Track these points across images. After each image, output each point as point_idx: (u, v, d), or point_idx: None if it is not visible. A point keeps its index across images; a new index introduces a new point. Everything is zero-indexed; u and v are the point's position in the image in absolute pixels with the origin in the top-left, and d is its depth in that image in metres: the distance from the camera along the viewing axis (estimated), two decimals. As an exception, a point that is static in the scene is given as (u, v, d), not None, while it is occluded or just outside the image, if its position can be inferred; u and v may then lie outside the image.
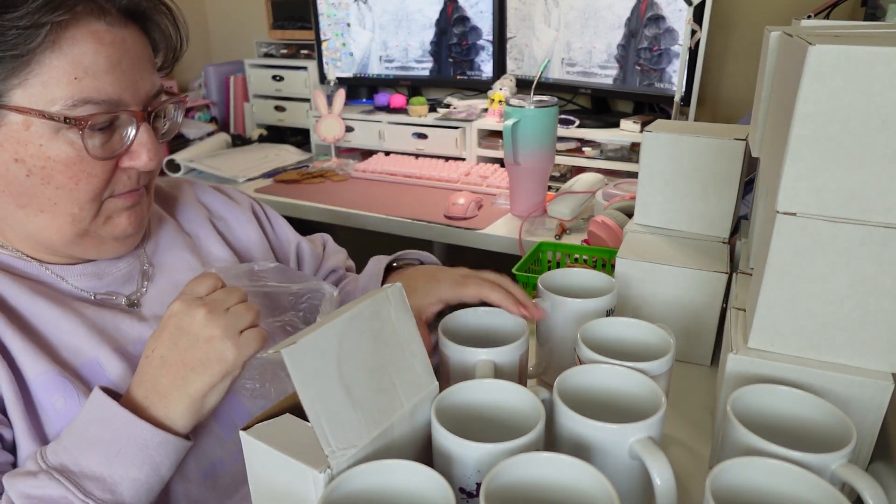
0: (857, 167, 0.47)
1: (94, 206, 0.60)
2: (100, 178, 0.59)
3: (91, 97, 0.55)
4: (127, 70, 0.58)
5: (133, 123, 0.59)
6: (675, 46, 1.50)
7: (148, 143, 0.60)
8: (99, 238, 0.63)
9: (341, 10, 1.94)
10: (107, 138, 0.59)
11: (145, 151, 0.60)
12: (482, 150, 1.74)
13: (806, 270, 0.52)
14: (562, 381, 0.53)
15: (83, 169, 0.58)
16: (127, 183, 0.62)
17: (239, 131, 2.22)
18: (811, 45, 0.45)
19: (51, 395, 0.57)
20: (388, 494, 0.44)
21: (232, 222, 0.82)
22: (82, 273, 0.65)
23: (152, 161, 0.61)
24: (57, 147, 0.56)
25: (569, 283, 0.73)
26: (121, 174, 0.61)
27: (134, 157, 0.60)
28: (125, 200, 0.63)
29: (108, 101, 0.56)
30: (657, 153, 0.83)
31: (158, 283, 0.70)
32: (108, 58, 0.56)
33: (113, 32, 0.57)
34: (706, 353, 0.79)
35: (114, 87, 0.57)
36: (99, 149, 0.58)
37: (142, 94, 0.60)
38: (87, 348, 0.61)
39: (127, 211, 0.63)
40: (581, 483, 0.43)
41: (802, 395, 0.51)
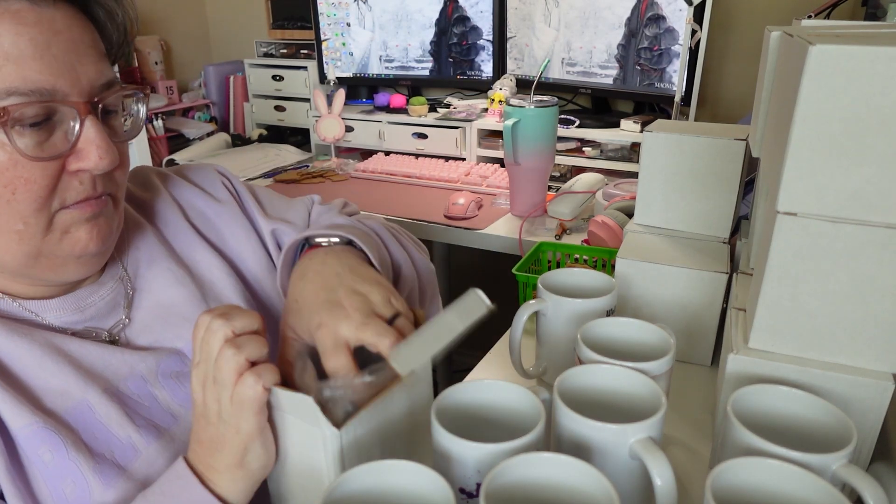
0: (858, 167, 0.47)
1: (43, 220, 0.52)
2: (40, 185, 0.50)
3: (15, 87, 0.47)
4: (59, 55, 0.49)
5: (76, 117, 0.51)
6: (676, 46, 1.50)
7: (96, 139, 0.51)
8: (56, 258, 0.54)
9: (341, 10, 1.94)
10: (45, 136, 0.50)
11: (94, 149, 0.51)
12: (482, 150, 1.74)
13: (806, 270, 0.52)
14: (562, 381, 0.53)
15: (19, 174, 0.49)
16: (79, 189, 0.53)
17: (239, 131, 2.22)
18: (811, 45, 0.45)
19: (37, 448, 0.51)
20: (388, 494, 0.44)
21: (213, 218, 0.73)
22: (60, 308, 0.58)
23: (103, 160, 0.52)
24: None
25: (569, 283, 0.73)
26: (70, 179, 0.52)
27: (82, 156, 0.52)
28: (81, 211, 0.53)
29: (38, 90, 0.48)
30: (657, 153, 0.83)
31: (142, 308, 0.63)
32: (33, 40, 0.48)
33: (36, 11, 0.49)
34: (706, 354, 0.79)
35: (43, 74, 0.48)
36: (35, 148, 0.49)
37: (84, 83, 0.51)
38: (75, 390, 0.55)
39: (87, 224, 0.54)
40: (581, 483, 0.43)
41: (803, 396, 0.51)
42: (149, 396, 0.59)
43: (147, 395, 0.59)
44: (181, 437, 0.59)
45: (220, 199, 0.74)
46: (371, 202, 1.54)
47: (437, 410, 0.49)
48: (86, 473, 0.53)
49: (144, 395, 0.59)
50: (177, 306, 0.64)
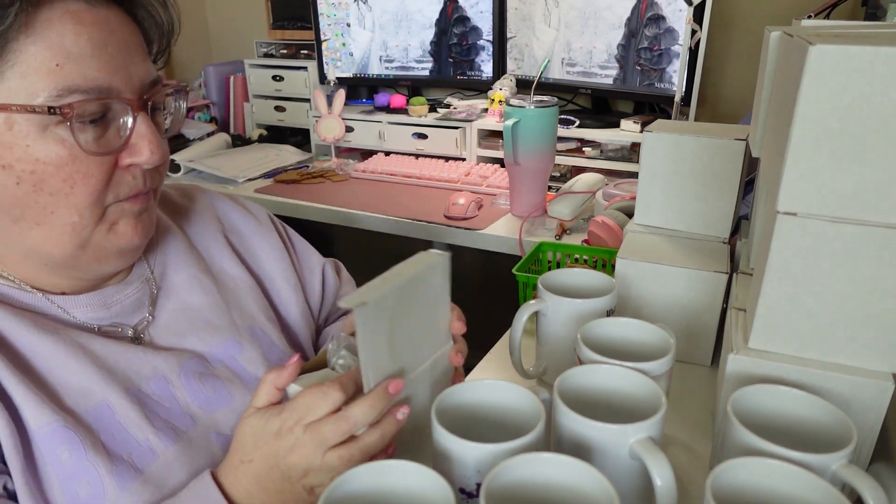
0: (858, 167, 0.47)
1: (96, 213, 0.54)
2: (98, 179, 0.52)
3: (77, 85, 0.49)
4: (115, 54, 0.51)
5: (129, 113, 0.53)
6: (676, 46, 1.50)
7: (148, 134, 0.54)
8: (101, 249, 0.56)
9: (341, 10, 1.94)
10: (101, 132, 0.52)
11: (146, 144, 0.54)
12: (482, 150, 1.74)
13: (806, 270, 0.52)
14: (562, 381, 0.53)
15: (77, 169, 0.51)
16: (132, 184, 0.55)
17: (239, 131, 2.22)
18: (811, 45, 0.45)
19: (55, 448, 0.52)
20: (388, 494, 0.44)
21: (249, 237, 0.76)
22: (88, 304, 0.59)
23: (155, 155, 0.54)
24: (45, 147, 0.50)
25: (569, 283, 0.73)
26: (123, 174, 0.55)
27: (134, 151, 0.54)
28: (132, 205, 0.56)
29: (97, 88, 0.50)
30: (657, 153, 0.83)
31: (166, 309, 0.64)
32: (92, 40, 0.50)
33: (93, 12, 0.51)
34: (706, 354, 0.79)
35: (101, 72, 0.50)
36: (93, 144, 0.51)
37: (135, 82, 0.53)
38: (97, 389, 0.55)
39: (134, 218, 0.57)
40: (581, 483, 0.43)
41: (803, 396, 0.51)
42: (169, 397, 0.59)
43: (168, 395, 0.59)
44: (198, 440, 0.59)
45: (260, 221, 0.78)
46: (371, 202, 1.54)
47: (437, 410, 0.49)
48: (102, 475, 0.53)
49: (165, 396, 0.59)
50: (200, 311, 0.66)
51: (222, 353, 0.65)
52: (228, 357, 0.65)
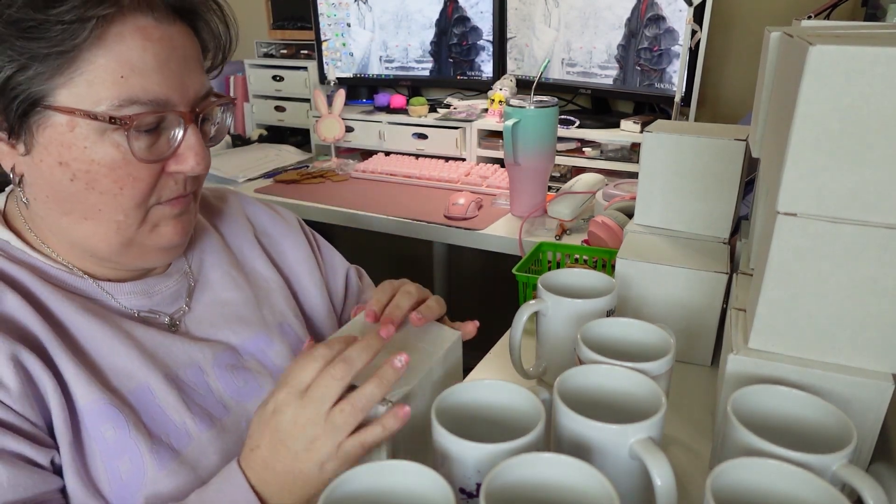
0: (858, 167, 0.47)
1: (140, 214, 0.58)
2: (145, 183, 0.57)
3: (138, 97, 0.53)
4: (175, 69, 0.55)
5: (180, 125, 0.57)
6: (676, 46, 1.50)
7: (195, 146, 0.58)
8: (144, 248, 0.60)
9: (341, 10, 1.94)
10: (153, 140, 0.56)
11: (192, 155, 0.58)
12: (482, 151, 1.74)
13: (806, 271, 0.52)
14: (562, 381, 0.53)
15: (129, 173, 0.55)
16: (174, 188, 0.59)
17: (239, 131, 2.22)
18: (811, 46, 0.45)
19: (101, 424, 0.55)
20: (388, 494, 0.44)
21: (278, 239, 0.80)
22: (132, 291, 0.63)
23: (199, 165, 0.58)
24: (102, 150, 0.54)
25: (569, 283, 0.73)
26: (167, 179, 0.59)
27: (181, 160, 0.58)
28: (172, 208, 0.60)
29: (156, 101, 0.54)
30: (657, 153, 0.83)
31: (202, 301, 0.68)
32: (156, 56, 0.54)
33: (161, 28, 0.54)
34: (706, 354, 0.79)
35: (161, 86, 0.54)
36: (145, 151, 0.55)
37: (190, 95, 0.57)
38: (139, 373, 0.59)
39: (174, 219, 0.61)
40: (581, 483, 0.43)
41: (803, 396, 0.51)
42: (204, 386, 0.63)
43: (203, 384, 0.63)
44: (231, 427, 0.62)
45: (289, 224, 0.83)
46: (371, 202, 1.54)
47: (437, 410, 0.49)
48: (144, 453, 0.56)
49: (200, 384, 0.63)
50: (233, 306, 0.70)
51: (253, 346, 0.69)
52: (258, 350, 0.69)
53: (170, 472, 0.56)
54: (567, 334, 0.68)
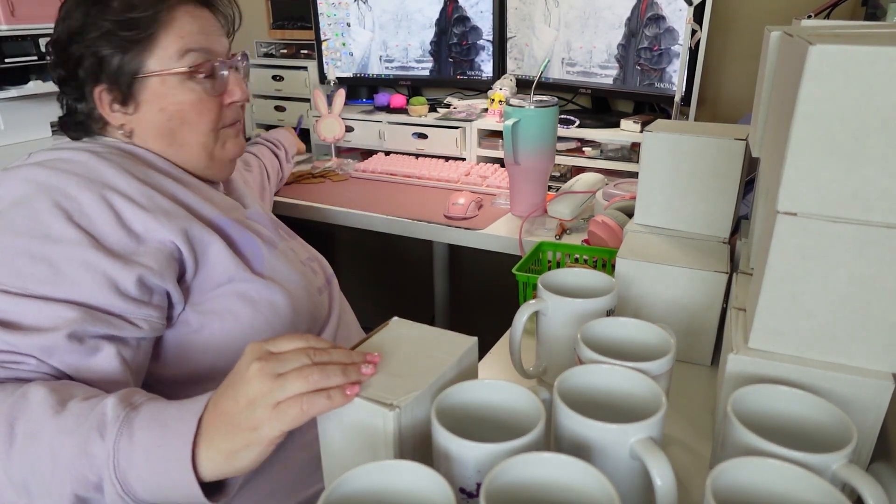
0: (857, 167, 0.47)
1: (214, 135, 0.85)
2: (215, 112, 0.84)
3: (191, 47, 0.80)
4: (211, 32, 0.83)
5: (224, 68, 0.84)
6: (676, 46, 1.50)
7: (238, 81, 0.87)
8: (220, 160, 0.88)
9: (341, 10, 1.94)
10: (212, 83, 0.83)
11: (237, 87, 0.86)
12: (482, 150, 1.74)
13: (806, 270, 0.52)
14: (562, 381, 0.53)
15: (204, 106, 0.83)
16: (231, 115, 0.87)
17: (239, 131, 2.22)
18: (811, 45, 0.45)
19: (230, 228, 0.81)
20: (388, 494, 0.44)
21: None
22: None
23: (244, 93, 0.87)
24: (184, 93, 0.81)
25: (569, 283, 0.73)
26: (226, 110, 0.86)
27: (232, 93, 0.86)
28: (233, 128, 0.88)
29: (203, 49, 0.81)
30: (657, 153, 0.83)
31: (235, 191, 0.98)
32: (199, 25, 0.82)
33: (199, 10, 0.82)
34: (706, 353, 0.79)
35: (205, 41, 0.82)
36: (210, 90, 0.83)
37: (223, 49, 0.85)
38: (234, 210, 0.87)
39: (234, 138, 0.89)
40: (581, 483, 0.43)
41: (803, 395, 0.51)
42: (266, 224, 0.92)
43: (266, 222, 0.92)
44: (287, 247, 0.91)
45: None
46: (371, 202, 1.54)
47: (437, 410, 0.49)
48: (259, 243, 0.84)
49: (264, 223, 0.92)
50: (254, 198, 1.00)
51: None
52: None
53: (275, 255, 0.85)
54: (567, 334, 0.68)
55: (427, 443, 0.51)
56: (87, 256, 0.66)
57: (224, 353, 0.76)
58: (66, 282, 0.65)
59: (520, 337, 0.68)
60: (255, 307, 0.78)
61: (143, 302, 0.69)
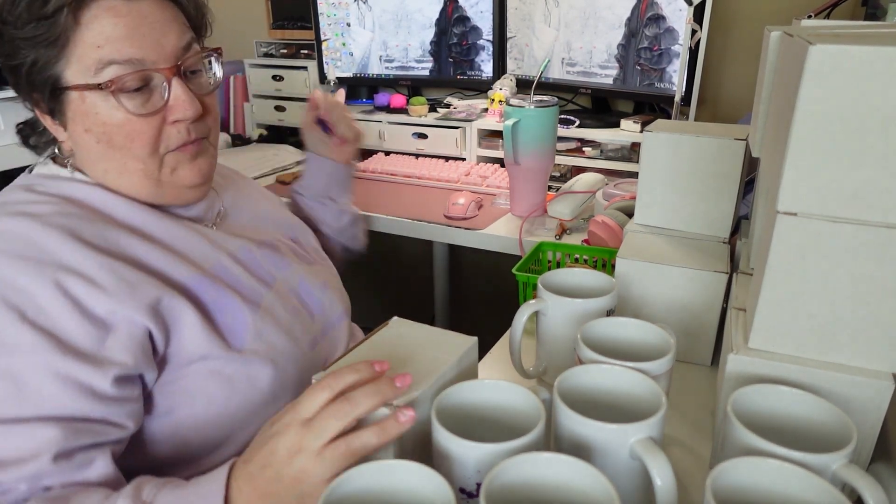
0: (858, 167, 0.47)
1: (156, 161, 0.68)
2: (149, 135, 0.67)
3: (113, 58, 0.63)
4: (147, 33, 0.64)
5: (165, 80, 0.66)
6: (676, 46, 1.50)
7: (182, 94, 0.67)
8: (172, 187, 0.71)
9: (341, 10, 1.94)
10: (146, 98, 0.66)
11: (181, 103, 0.67)
12: (482, 150, 1.74)
13: (806, 270, 0.52)
14: (562, 381, 0.53)
15: (133, 128, 0.66)
16: (178, 137, 0.69)
17: (239, 131, 2.22)
18: (811, 45, 0.45)
19: (204, 292, 0.68)
20: (388, 494, 0.44)
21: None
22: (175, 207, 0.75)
23: (189, 111, 0.67)
24: (108, 112, 0.65)
25: (569, 283, 0.73)
26: (170, 129, 0.68)
27: (174, 110, 0.67)
28: (183, 153, 0.70)
29: (130, 60, 0.63)
30: (657, 153, 0.83)
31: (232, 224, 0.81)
32: (126, 26, 0.63)
33: (129, 5, 0.64)
34: (706, 353, 0.79)
35: (133, 48, 0.63)
36: (140, 107, 0.66)
37: (168, 51, 0.66)
38: (212, 255, 0.72)
39: (189, 163, 0.71)
40: (581, 483, 0.43)
41: (803, 395, 0.51)
42: (255, 262, 0.77)
43: (254, 260, 0.77)
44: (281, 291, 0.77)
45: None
46: (371, 202, 1.54)
47: (437, 410, 0.49)
48: (239, 306, 0.70)
49: (252, 261, 0.77)
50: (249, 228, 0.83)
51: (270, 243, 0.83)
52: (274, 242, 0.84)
53: (259, 317, 0.71)
54: (567, 334, 0.68)
55: (427, 442, 0.51)
56: (52, 363, 0.56)
57: (192, 441, 0.66)
58: (35, 396, 0.55)
59: (520, 337, 0.68)
60: (232, 385, 0.67)
61: (124, 399, 0.60)
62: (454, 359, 0.57)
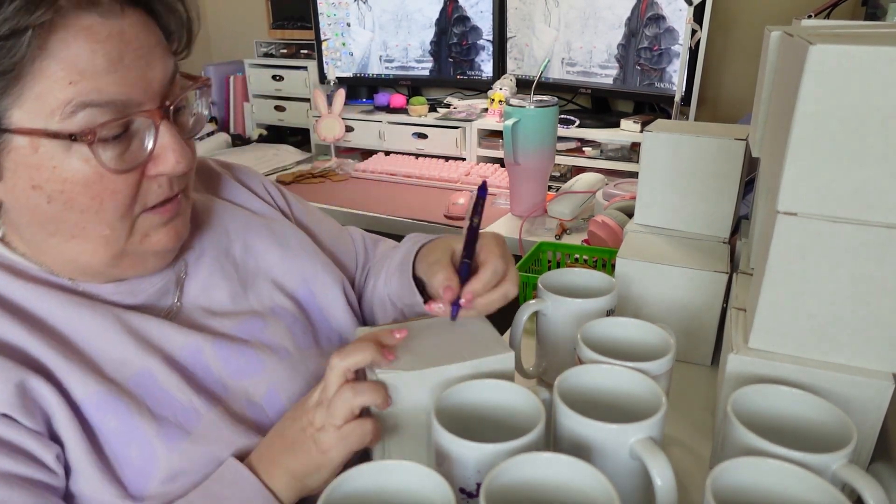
0: (857, 167, 0.47)
1: (126, 224, 0.54)
2: (125, 194, 0.52)
3: (91, 100, 0.48)
4: (131, 64, 0.50)
5: (151, 125, 0.52)
6: (676, 46, 1.50)
7: (172, 143, 0.53)
8: (137, 256, 0.57)
9: (341, 10, 1.94)
10: (124, 147, 0.51)
11: (171, 154, 0.53)
12: (482, 150, 1.74)
13: (806, 270, 0.52)
14: (562, 381, 0.53)
15: (105, 186, 0.51)
16: (158, 192, 0.55)
17: (239, 131, 2.22)
18: (811, 45, 0.45)
19: (103, 416, 0.53)
20: (388, 494, 0.44)
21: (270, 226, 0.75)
22: (115, 292, 0.59)
23: (180, 163, 0.53)
24: (71, 166, 0.50)
25: (569, 283, 0.73)
26: (150, 184, 0.54)
27: (160, 162, 0.53)
28: (161, 215, 0.56)
29: (113, 102, 0.49)
30: (657, 153, 0.83)
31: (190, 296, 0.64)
32: (107, 55, 0.48)
33: (108, 25, 0.49)
34: (706, 353, 0.79)
35: (117, 85, 0.49)
36: (117, 161, 0.51)
37: (155, 87, 0.52)
38: (136, 359, 0.56)
39: (165, 226, 0.57)
40: (581, 483, 0.43)
41: (803, 395, 0.51)
42: (203, 365, 0.60)
43: (202, 364, 0.60)
44: (233, 406, 0.60)
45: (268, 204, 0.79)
46: (371, 202, 1.54)
47: (438, 410, 0.49)
48: (151, 438, 0.54)
49: (199, 365, 0.60)
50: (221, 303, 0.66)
51: (249, 328, 0.66)
52: (256, 330, 0.66)
53: (182, 452, 0.55)
54: (567, 334, 0.68)
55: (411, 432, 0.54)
56: None
57: None
58: None
59: (520, 337, 0.68)
60: None
61: None
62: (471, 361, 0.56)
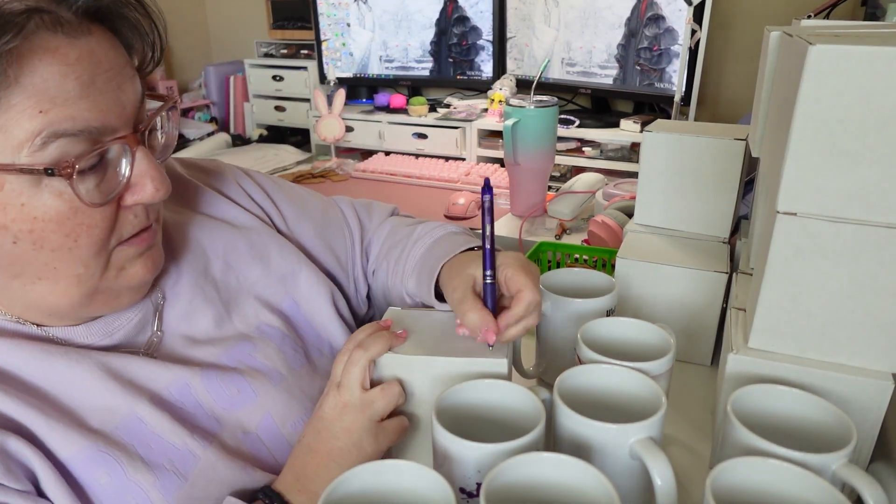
0: (857, 167, 0.47)
1: (102, 260, 0.50)
2: (101, 227, 0.48)
3: (64, 129, 0.44)
4: (103, 87, 0.46)
5: (127, 151, 0.48)
6: (675, 46, 1.50)
7: (149, 170, 0.49)
8: (111, 292, 0.53)
9: (341, 10, 1.94)
10: (100, 177, 0.47)
11: (149, 182, 0.49)
12: (482, 150, 1.74)
13: (806, 270, 0.52)
14: (562, 381, 0.53)
15: (80, 221, 0.47)
16: (135, 223, 0.51)
17: (239, 131, 2.22)
18: (811, 45, 0.45)
19: (93, 473, 0.49)
20: (388, 494, 0.44)
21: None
22: (87, 334, 0.55)
23: (160, 191, 0.50)
24: (42, 203, 0.45)
25: (569, 283, 0.73)
26: (126, 214, 0.50)
27: (137, 190, 0.49)
28: (138, 246, 0.52)
29: (88, 130, 0.45)
30: (657, 153, 0.83)
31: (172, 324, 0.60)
32: (79, 80, 0.44)
33: (77, 46, 0.45)
34: (706, 353, 0.79)
35: (92, 112, 0.45)
36: (94, 193, 0.47)
37: (128, 111, 0.48)
38: (122, 405, 0.52)
39: (141, 258, 0.53)
40: (581, 483, 0.43)
41: (802, 395, 0.51)
42: (194, 403, 0.57)
43: (192, 401, 0.57)
44: (228, 441, 0.57)
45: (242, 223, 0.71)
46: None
47: (437, 410, 0.49)
48: (147, 490, 0.50)
49: (189, 402, 0.56)
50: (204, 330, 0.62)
51: (237, 355, 0.62)
52: (245, 356, 0.62)
53: (181, 499, 0.51)
54: (567, 334, 0.68)
55: None
56: None
57: None
58: None
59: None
60: None
61: None
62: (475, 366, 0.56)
